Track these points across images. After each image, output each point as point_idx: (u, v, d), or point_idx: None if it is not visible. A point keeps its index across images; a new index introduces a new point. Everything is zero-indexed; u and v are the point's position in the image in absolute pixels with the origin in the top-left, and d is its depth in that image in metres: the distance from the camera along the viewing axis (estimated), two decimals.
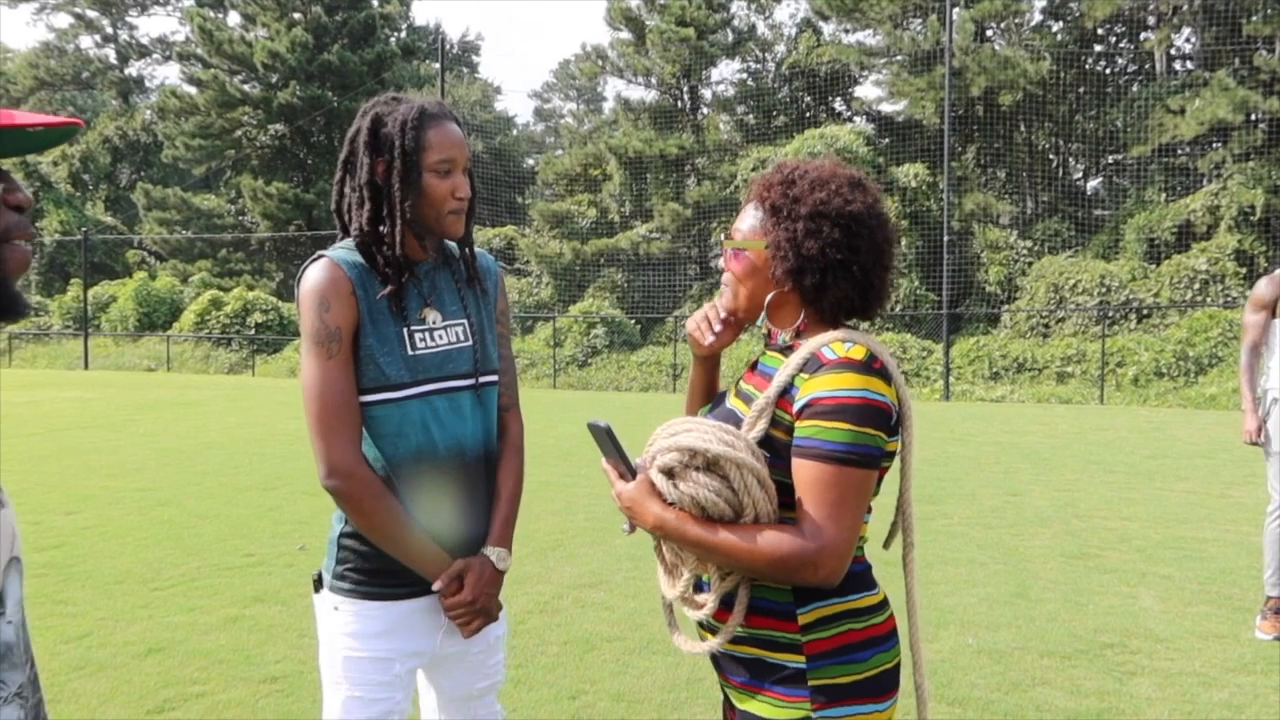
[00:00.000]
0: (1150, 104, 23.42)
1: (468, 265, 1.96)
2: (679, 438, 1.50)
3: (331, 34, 33.95)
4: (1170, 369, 18.15)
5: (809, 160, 1.64)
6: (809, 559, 1.41)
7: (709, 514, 1.46)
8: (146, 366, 27.45)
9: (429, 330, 1.86)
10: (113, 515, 6.94)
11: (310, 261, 1.84)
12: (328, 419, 1.75)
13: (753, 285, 1.62)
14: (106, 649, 4.17)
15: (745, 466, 1.45)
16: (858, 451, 1.43)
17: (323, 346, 1.76)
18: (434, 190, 1.80)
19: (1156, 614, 4.71)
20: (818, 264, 1.53)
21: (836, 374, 1.45)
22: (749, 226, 1.64)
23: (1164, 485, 8.30)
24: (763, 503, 1.46)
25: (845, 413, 1.42)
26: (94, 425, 12.83)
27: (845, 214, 1.54)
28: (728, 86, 31.65)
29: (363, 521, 1.78)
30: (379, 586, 1.83)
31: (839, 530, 1.42)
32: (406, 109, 1.81)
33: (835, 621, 1.51)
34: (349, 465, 1.75)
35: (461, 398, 1.88)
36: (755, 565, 1.45)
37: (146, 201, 35.54)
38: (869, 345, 1.50)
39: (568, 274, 28.01)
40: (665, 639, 4.33)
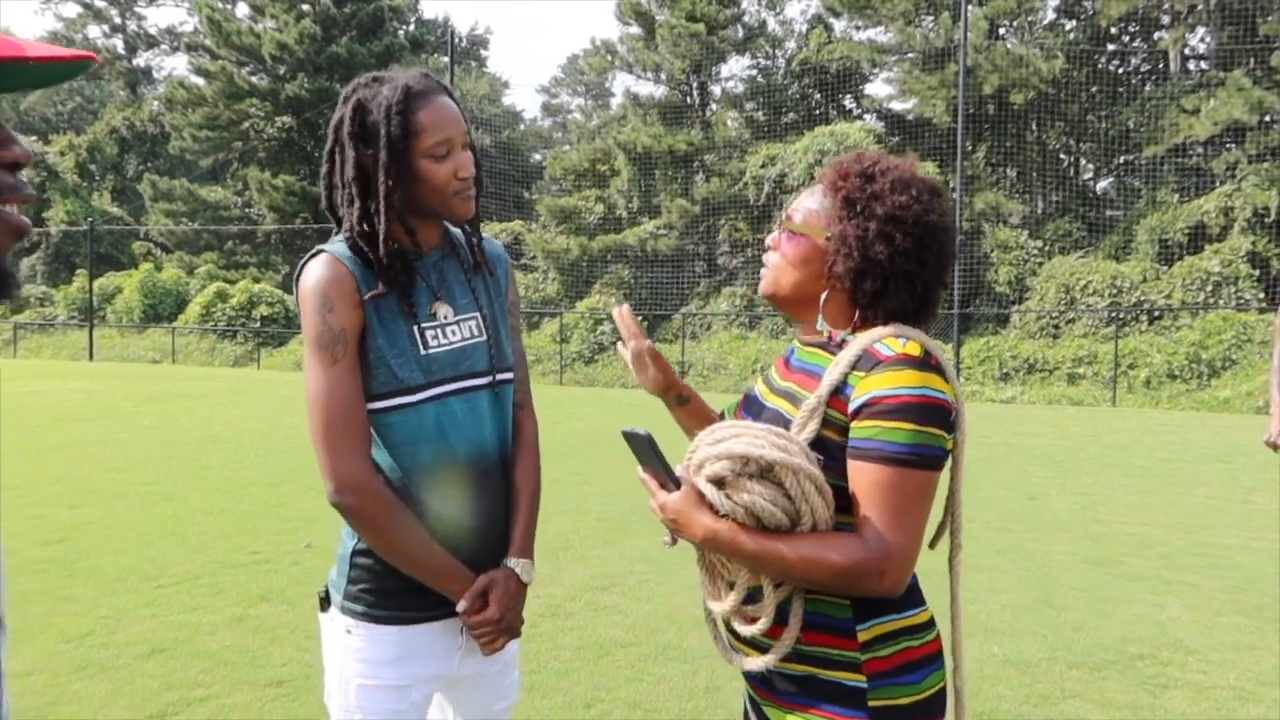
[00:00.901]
0: (1164, 104, 23.23)
1: (474, 252, 1.81)
2: (728, 444, 1.39)
3: (340, 26, 33.84)
4: (1183, 371, 17.99)
5: (889, 157, 1.54)
6: (874, 567, 1.34)
7: (764, 524, 1.37)
8: (151, 358, 27.40)
9: (441, 326, 1.72)
10: (116, 510, 6.83)
11: (309, 257, 1.68)
12: (334, 429, 1.60)
13: (802, 274, 1.53)
14: (109, 649, 4.06)
15: (802, 472, 1.36)
16: (921, 452, 1.35)
17: (327, 350, 1.61)
18: (434, 175, 1.64)
19: (1186, 624, 4.59)
20: (883, 270, 1.45)
21: (895, 371, 1.37)
22: (812, 211, 1.54)
23: (1184, 490, 8.16)
24: (821, 509, 1.38)
25: (907, 411, 1.35)
26: (99, 417, 12.74)
27: (922, 223, 1.46)
28: (737, 83, 31.52)
29: (377, 539, 1.64)
30: (396, 610, 1.69)
31: (903, 536, 1.35)
32: (390, 91, 1.63)
33: (894, 639, 1.43)
34: (360, 479, 1.60)
35: (478, 398, 1.74)
36: (816, 576, 1.37)
37: (153, 193, 35.47)
38: (923, 341, 1.43)
39: (574, 270, 27.89)
40: (681, 646, 4.22)
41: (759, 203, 25.75)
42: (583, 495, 7.61)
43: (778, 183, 25.09)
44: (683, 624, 4.51)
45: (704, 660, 4.04)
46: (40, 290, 33.80)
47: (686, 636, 4.34)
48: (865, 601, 1.42)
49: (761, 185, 25.47)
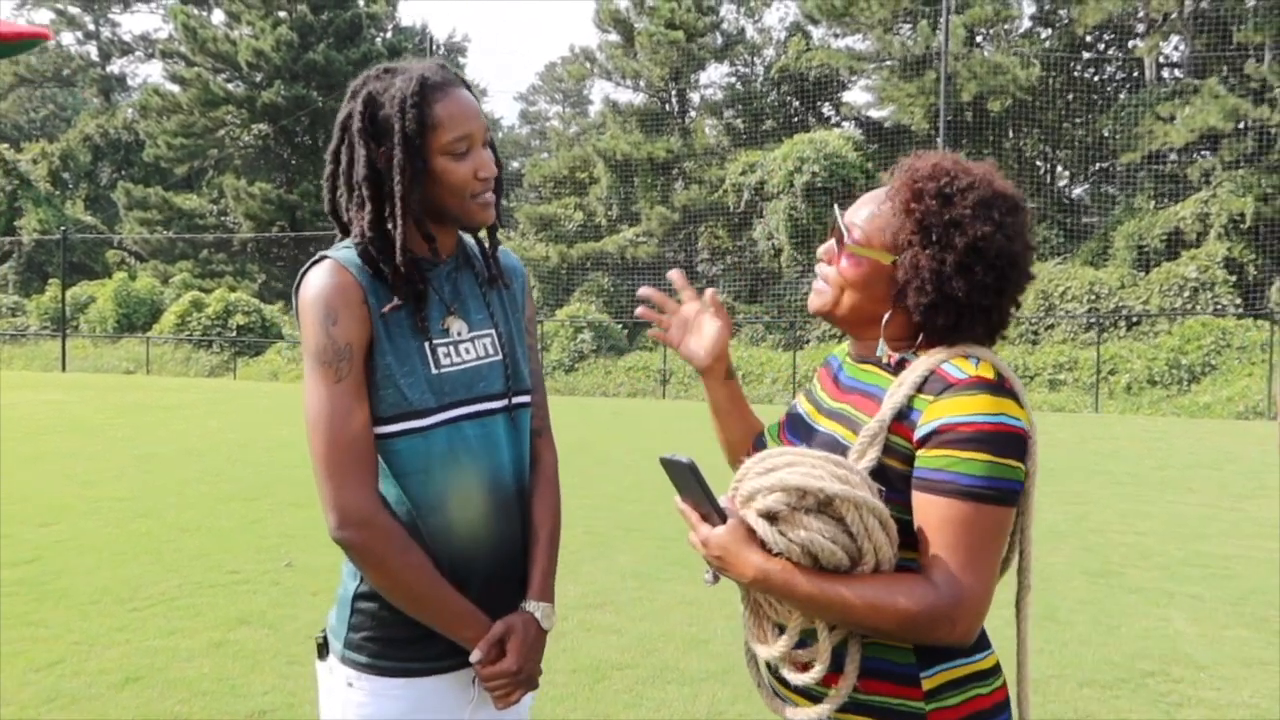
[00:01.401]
0: (1140, 111, 23.41)
1: (490, 263, 1.65)
2: (781, 474, 1.24)
3: (317, 33, 33.57)
4: (1163, 377, 18.07)
5: (967, 166, 1.37)
6: (945, 614, 1.20)
7: (821, 564, 1.23)
8: (125, 369, 26.96)
9: (454, 344, 1.55)
10: (90, 527, 6.61)
11: (311, 264, 1.51)
12: (338, 456, 1.43)
13: (863, 297, 1.39)
14: (80, 678, 3.87)
15: (865, 506, 1.22)
16: (998, 485, 1.22)
17: (330, 367, 1.44)
18: (452, 175, 1.49)
19: (1193, 638, 4.49)
20: (959, 306, 1.31)
21: (969, 396, 1.24)
22: (875, 226, 1.38)
23: (1175, 497, 8.12)
24: (885, 548, 1.24)
25: (983, 441, 1.22)
26: (71, 430, 12.44)
27: (1006, 254, 1.31)
28: (716, 90, 31.53)
29: (384, 580, 1.47)
30: (403, 660, 1.52)
31: (978, 579, 1.22)
32: (404, 82, 1.49)
33: (962, 686, 1.30)
34: (366, 512, 1.44)
35: (494, 422, 1.58)
36: (881, 624, 1.22)
37: (127, 201, 35.03)
38: (995, 363, 1.30)
39: (554, 278, 27.75)
40: (680, 667, 4.08)
41: (738, 210, 25.72)
42: (569, 509, 7.29)
43: (757, 190, 25.07)
44: (680, 643, 4.37)
45: (704, 683, 3.91)
46: (12, 300, 33.24)
47: (685, 657, 4.20)
48: (929, 647, 1.29)
49: (741, 192, 25.44)
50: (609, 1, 29.93)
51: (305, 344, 1.48)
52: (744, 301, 25.76)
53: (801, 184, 23.55)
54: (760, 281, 25.97)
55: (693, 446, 1.65)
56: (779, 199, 24.15)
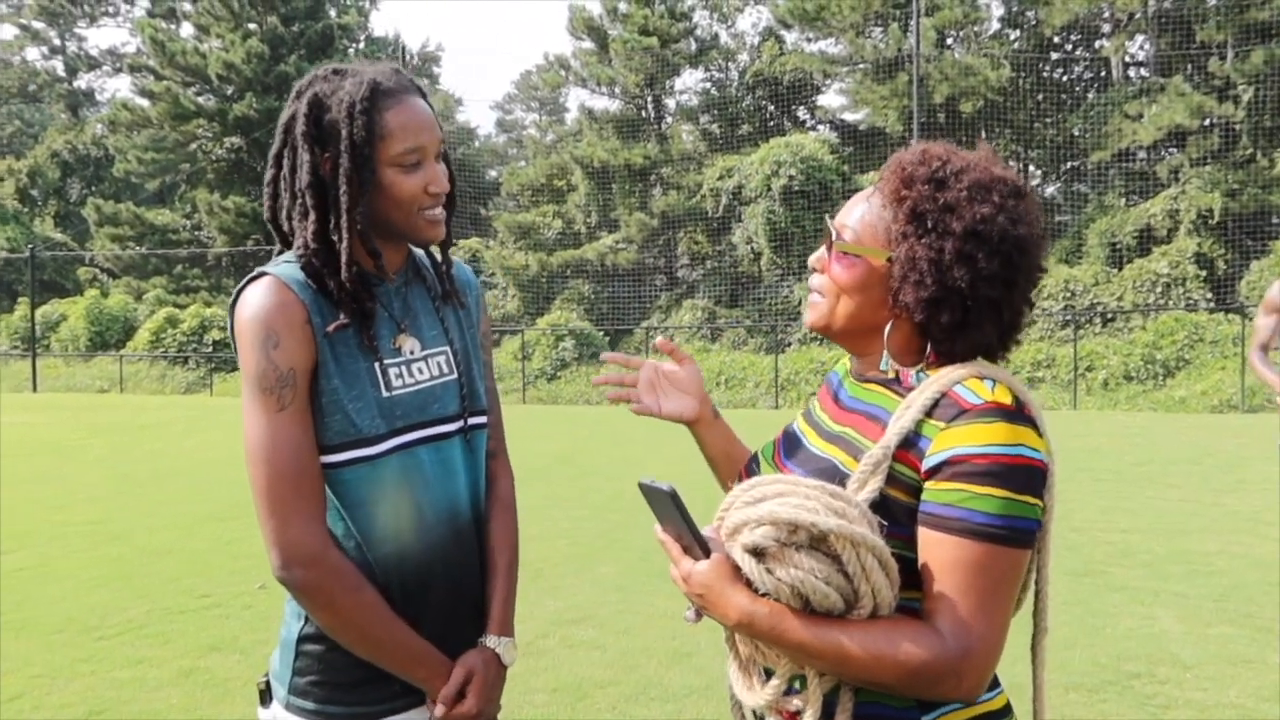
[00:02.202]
0: (1108, 110, 23.61)
1: (444, 279, 1.57)
2: (771, 506, 1.11)
3: (288, 45, 33.33)
4: (1139, 372, 18.18)
5: (960, 151, 1.25)
6: (951, 667, 1.07)
7: (813, 606, 1.11)
8: (99, 387, 26.61)
9: (406, 363, 1.46)
10: (55, 553, 6.45)
11: (248, 281, 1.40)
12: (281, 490, 1.33)
13: (859, 301, 1.26)
14: (41, 713, 3.75)
15: (864, 544, 1.09)
16: (1014, 526, 1.09)
17: (271, 394, 1.34)
18: (400, 188, 1.40)
19: (1178, 637, 4.46)
20: (963, 298, 1.18)
21: (984, 424, 1.11)
22: (866, 224, 1.26)
23: (1156, 493, 8.12)
24: (884, 590, 1.11)
25: (999, 475, 1.09)
26: (41, 452, 12.22)
27: (1010, 238, 1.18)
28: (692, 96, 31.52)
29: (334, 621, 1.37)
30: (352, 704, 1.42)
31: (989, 629, 1.09)
32: (354, 86, 1.39)
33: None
34: (312, 549, 1.34)
35: (449, 446, 1.49)
36: (879, 676, 1.10)
37: (98, 217, 34.58)
38: (1013, 386, 1.17)
39: (534, 286, 27.64)
40: (663, 683, 4.00)
41: (717, 215, 25.72)
42: (550, 520, 7.37)
43: (735, 194, 25.08)
44: (662, 658, 4.30)
45: (688, 699, 3.83)
46: None
47: (667, 672, 4.12)
48: None
49: (719, 197, 25.44)
50: (582, 9, 29.90)
51: (244, 369, 1.37)
52: (725, 306, 25.74)
53: (779, 187, 23.58)
54: (741, 285, 25.96)
55: (678, 455, 1.57)
56: (757, 203, 24.16)
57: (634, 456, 11.15)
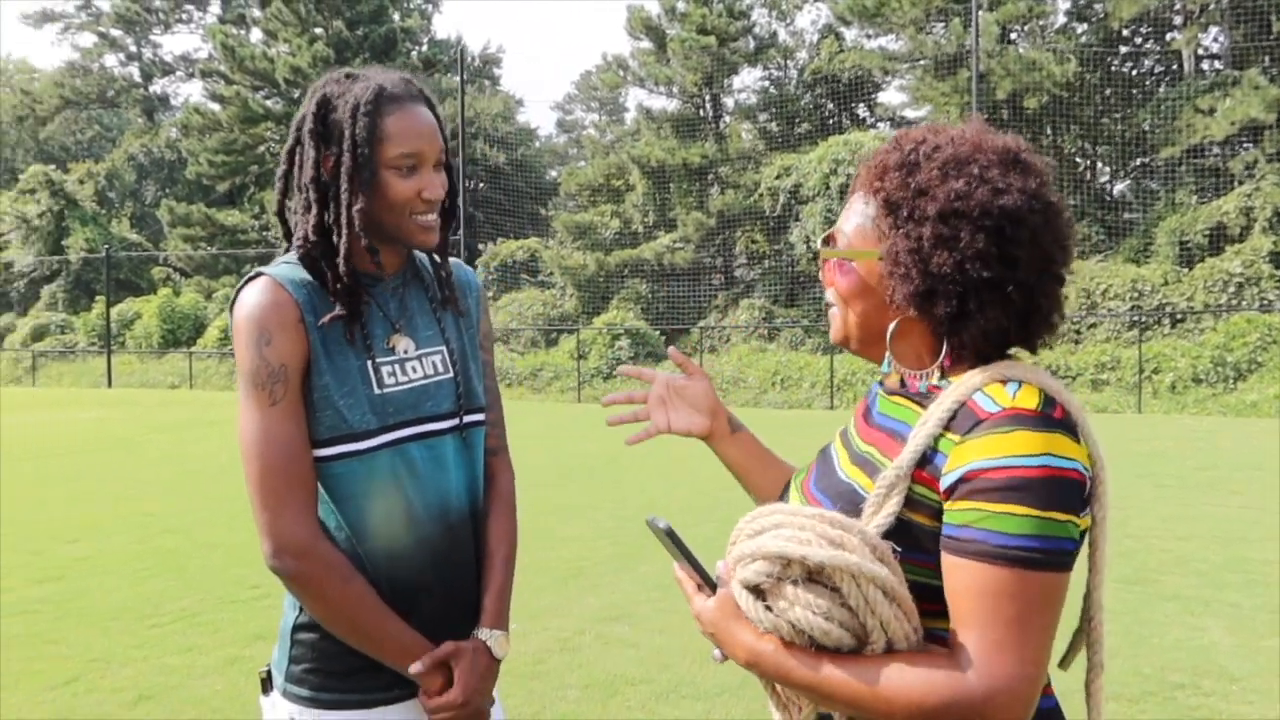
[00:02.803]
0: (1179, 105, 22.93)
1: (442, 284, 1.60)
2: (763, 540, 1.05)
3: (353, 48, 34.01)
4: (1208, 375, 17.61)
5: (941, 127, 1.17)
6: (974, 708, 0.96)
7: (819, 644, 1.03)
8: (170, 383, 27.45)
9: (399, 362, 1.50)
10: (115, 545, 6.69)
11: (245, 281, 1.46)
12: (273, 482, 1.38)
13: (864, 307, 1.19)
14: (94, 695, 3.90)
15: (863, 575, 1.01)
16: (1042, 547, 0.98)
17: (264, 390, 1.39)
18: (394, 190, 1.44)
19: (1228, 649, 4.33)
20: (954, 285, 1.08)
21: (1003, 434, 1.01)
22: (854, 226, 1.20)
23: (1219, 500, 7.87)
24: (894, 623, 1.02)
25: (1021, 491, 0.98)
26: (110, 447, 12.66)
27: (994, 210, 1.07)
28: (750, 94, 31.42)
29: (324, 611, 1.41)
30: (346, 692, 1.46)
31: (1019, 664, 0.97)
32: (361, 89, 1.44)
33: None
34: (303, 540, 1.38)
35: (442, 443, 1.52)
36: (895, 716, 1.00)
37: (171, 218, 35.71)
38: (1041, 384, 1.05)
39: (591, 285, 27.77)
40: (695, 682, 4.01)
41: (774, 214, 25.57)
42: (595, 520, 7.41)
43: (793, 193, 24.91)
44: (695, 657, 4.30)
45: (719, 698, 3.83)
46: (60, 318, 34.02)
47: (700, 671, 4.13)
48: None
49: (777, 196, 25.30)
50: (640, 9, 29.97)
51: (239, 365, 1.43)
52: (782, 305, 25.59)
53: (837, 186, 23.36)
54: (798, 285, 25.78)
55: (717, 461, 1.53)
56: (815, 202, 23.97)
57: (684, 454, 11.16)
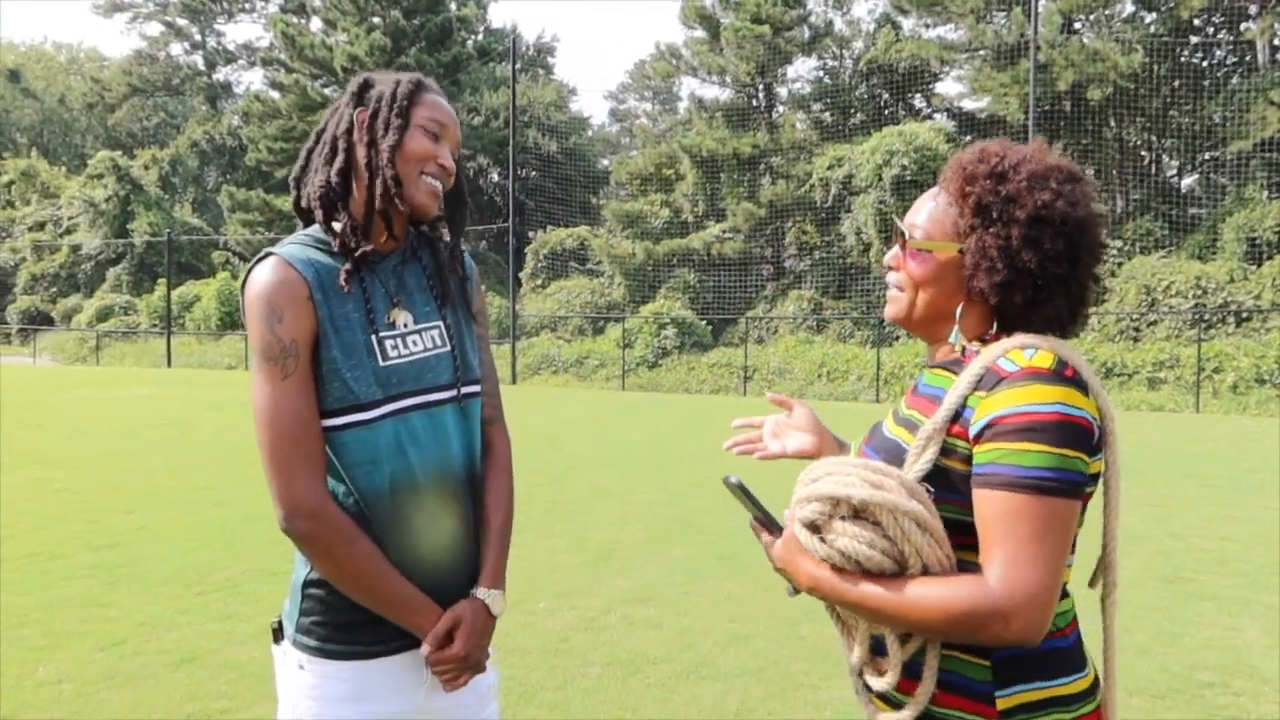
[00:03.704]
0: (1251, 97, 22.25)
1: (439, 259, 1.69)
2: (818, 485, 1.28)
3: (409, 37, 34.41)
4: (1273, 376, 17.12)
5: (1015, 146, 1.38)
6: (997, 610, 1.14)
7: (866, 569, 1.24)
8: (227, 364, 28.14)
9: (401, 336, 1.59)
10: (168, 516, 6.92)
11: (256, 261, 1.55)
12: (285, 450, 1.48)
13: (935, 293, 1.39)
14: (140, 657, 4.06)
15: (899, 510, 1.22)
16: (1056, 476, 1.17)
17: (276, 364, 1.49)
18: (416, 143, 1.57)
19: (1261, 649, 4.26)
20: (1034, 279, 1.30)
21: (1022, 387, 1.21)
22: (935, 222, 1.39)
23: (1268, 502, 7.69)
24: (928, 549, 1.22)
25: (1037, 431, 1.18)
26: (165, 424, 13.05)
27: (1071, 220, 1.30)
28: (804, 84, 31.16)
29: (333, 570, 1.51)
30: (351, 643, 1.56)
31: (1035, 573, 1.15)
32: (403, 75, 1.64)
33: (1041, 709, 1.25)
34: (314, 504, 1.48)
35: (442, 413, 1.61)
36: (930, 624, 1.20)
37: (231, 203, 36.54)
38: (1056, 350, 1.25)
39: (640, 274, 27.82)
40: (715, 663, 4.06)
41: (826, 205, 25.35)
42: (629, 504, 7.48)
43: (845, 184, 24.67)
44: (719, 639, 4.35)
45: (738, 679, 3.88)
46: (124, 299, 35.02)
47: (722, 653, 4.18)
48: (1007, 664, 1.25)
49: (829, 187, 25.06)
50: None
51: (251, 341, 1.52)
52: (831, 297, 25.39)
53: (890, 177, 23.08)
54: (848, 277, 25.55)
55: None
56: (867, 193, 23.71)
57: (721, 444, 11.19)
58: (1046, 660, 1.25)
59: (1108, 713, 1.31)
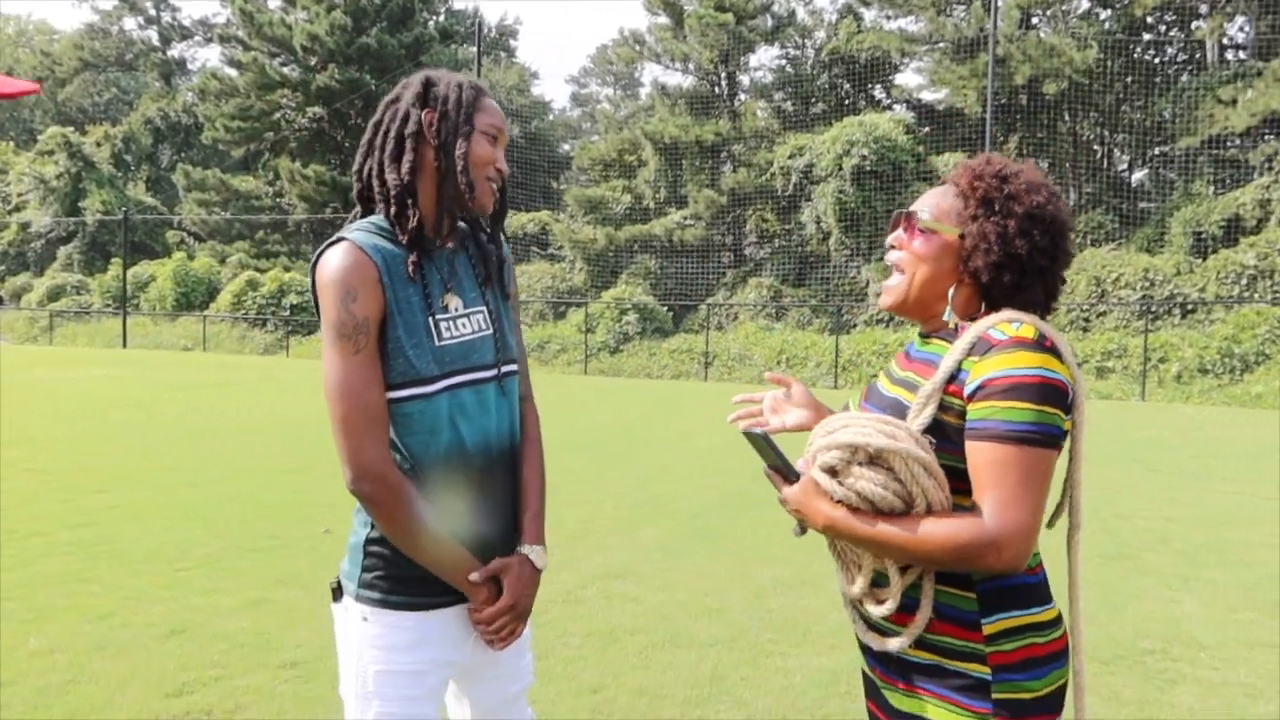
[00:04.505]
0: (1200, 94, 22.86)
1: (484, 249, 1.85)
2: (837, 435, 1.47)
3: (370, 17, 34.02)
4: (1215, 366, 17.73)
5: (1012, 160, 1.63)
6: (991, 542, 1.37)
7: (879, 508, 1.44)
8: (183, 346, 27.80)
9: (453, 319, 1.75)
10: (140, 495, 6.96)
11: (328, 245, 1.69)
12: (356, 418, 1.62)
13: (934, 269, 1.59)
14: (128, 630, 4.16)
15: (910, 457, 1.41)
16: (1039, 430, 1.38)
17: (349, 340, 1.62)
18: (482, 148, 1.73)
19: (1200, 620, 4.55)
20: (1022, 264, 1.53)
21: (1009, 353, 1.42)
22: (941, 209, 1.61)
23: (1208, 486, 8.07)
24: (933, 490, 1.42)
25: (1023, 391, 1.39)
26: (128, 405, 12.96)
27: (1057, 222, 1.55)
28: (766, 73, 31.41)
29: (393, 529, 1.66)
30: (411, 595, 1.72)
31: (1022, 512, 1.37)
32: (461, 77, 1.77)
33: (1019, 634, 1.47)
34: (380, 468, 1.63)
35: (486, 390, 1.78)
36: (933, 555, 1.40)
37: (186, 182, 35.93)
38: (1037, 324, 1.47)
39: (601, 260, 27.93)
40: (690, 634, 4.25)
41: (786, 193, 25.64)
42: (601, 485, 7.66)
43: (805, 173, 24.96)
44: (693, 611, 4.54)
45: (711, 648, 4.07)
46: (76, 279, 34.36)
47: (696, 624, 4.37)
48: (991, 596, 1.46)
49: (789, 176, 25.34)
50: None
51: (326, 318, 1.66)
52: (791, 285, 25.71)
53: (850, 167, 23.42)
54: (808, 265, 25.89)
55: (732, 428, 1.86)
56: (827, 182, 24.03)
57: (688, 429, 11.40)
58: (1022, 593, 1.47)
59: (1074, 639, 1.52)
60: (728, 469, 8.39)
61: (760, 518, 6.51)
